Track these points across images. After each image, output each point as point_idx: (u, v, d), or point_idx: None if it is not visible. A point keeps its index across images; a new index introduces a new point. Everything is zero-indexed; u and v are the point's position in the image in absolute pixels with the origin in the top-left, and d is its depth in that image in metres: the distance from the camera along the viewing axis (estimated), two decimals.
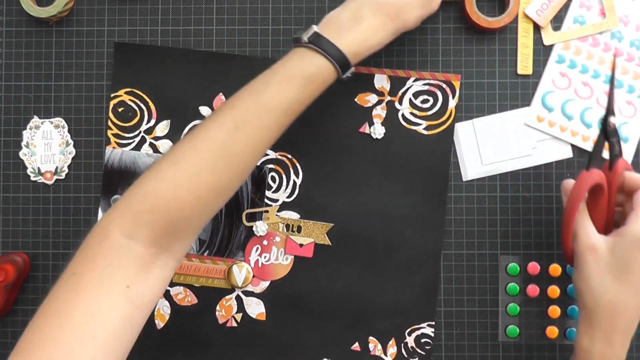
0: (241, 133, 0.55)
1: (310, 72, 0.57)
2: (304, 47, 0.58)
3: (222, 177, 0.55)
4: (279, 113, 0.57)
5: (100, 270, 0.51)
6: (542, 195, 0.69)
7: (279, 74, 0.57)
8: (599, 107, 0.69)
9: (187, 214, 0.54)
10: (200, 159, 0.54)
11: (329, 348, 0.69)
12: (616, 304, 0.57)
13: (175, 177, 0.54)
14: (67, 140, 0.70)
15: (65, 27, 0.71)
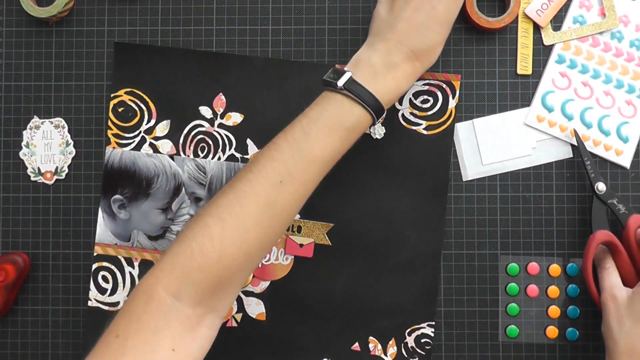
0: (286, 187, 0.54)
1: (351, 123, 0.56)
2: (339, 94, 0.56)
3: (268, 231, 0.54)
4: (322, 166, 0.56)
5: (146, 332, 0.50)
6: (542, 195, 0.69)
7: (318, 125, 0.55)
8: (599, 107, 0.69)
9: (234, 271, 0.53)
10: (247, 215, 0.53)
11: (329, 348, 0.69)
12: (634, 347, 0.59)
13: (222, 235, 0.52)
14: (67, 140, 0.70)
15: (65, 27, 0.71)
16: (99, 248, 0.69)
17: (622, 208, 0.66)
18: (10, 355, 0.69)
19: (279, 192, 0.54)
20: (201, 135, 0.70)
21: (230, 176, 0.69)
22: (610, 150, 0.69)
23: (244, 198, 0.53)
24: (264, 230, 0.54)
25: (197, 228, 0.53)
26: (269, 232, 0.54)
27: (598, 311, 0.67)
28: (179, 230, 0.69)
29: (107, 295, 0.69)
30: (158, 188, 0.69)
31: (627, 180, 0.69)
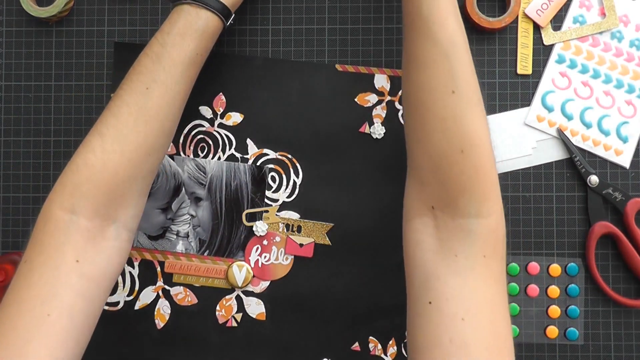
0: (153, 91, 0.57)
1: (200, 25, 0.59)
2: (186, 4, 0.60)
3: (147, 135, 0.57)
4: (184, 67, 0.59)
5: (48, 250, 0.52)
6: (542, 195, 0.69)
7: (172, 34, 0.59)
8: (599, 107, 0.69)
9: (122, 177, 0.55)
10: (123, 124, 0.56)
11: (329, 348, 0.69)
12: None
13: (103, 146, 0.55)
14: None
15: (65, 27, 0.71)
16: None
17: (619, 196, 0.67)
18: None
19: (148, 97, 0.57)
20: (201, 135, 0.70)
21: (230, 176, 0.69)
22: (610, 150, 0.69)
23: (118, 110, 0.57)
24: (142, 135, 0.57)
25: (81, 147, 0.56)
26: (148, 135, 0.57)
27: (598, 311, 0.67)
28: (179, 230, 0.69)
29: None
30: (158, 188, 0.69)
31: (627, 180, 0.69)
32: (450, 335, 0.48)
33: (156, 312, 0.69)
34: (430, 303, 0.50)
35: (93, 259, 0.54)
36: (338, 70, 0.70)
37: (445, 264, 0.51)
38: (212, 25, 0.60)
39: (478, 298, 0.49)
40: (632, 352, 0.68)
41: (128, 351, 0.69)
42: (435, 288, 0.50)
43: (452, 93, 0.52)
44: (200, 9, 0.59)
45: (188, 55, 0.59)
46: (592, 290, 0.69)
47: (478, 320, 0.49)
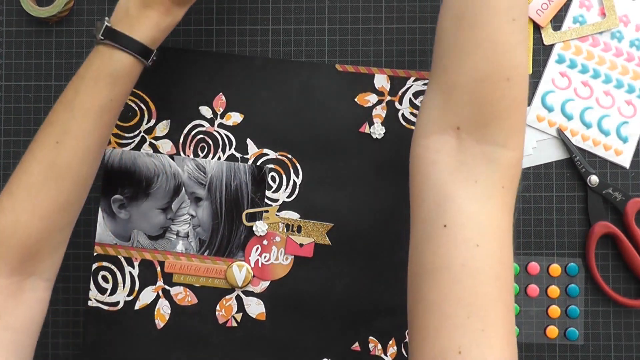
0: (64, 145, 0.56)
1: (114, 68, 0.57)
2: (101, 45, 0.58)
3: (60, 192, 0.56)
4: (96, 116, 0.57)
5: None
6: (542, 195, 0.69)
7: (86, 79, 0.57)
8: (599, 107, 0.69)
9: (35, 236, 0.56)
10: (32, 182, 0.56)
11: (329, 348, 0.69)
12: None
13: (13, 206, 0.55)
14: None
15: (65, 27, 0.71)
16: (99, 248, 0.69)
17: (619, 196, 0.67)
18: None
19: (58, 152, 0.56)
20: (201, 135, 0.70)
21: (230, 176, 0.69)
22: (609, 150, 0.69)
23: (28, 167, 0.56)
24: (54, 192, 0.56)
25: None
26: (61, 192, 0.56)
27: (598, 311, 0.67)
28: (179, 230, 0.69)
29: (107, 295, 0.69)
30: (158, 188, 0.69)
31: (627, 180, 0.69)
32: (463, 260, 0.47)
33: (156, 312, 0.69)
34: (445, 226, 0.49)
35: (15, 312, 0.55)
36: (338, 70, 0.70)
37: (464, 188, 0.50)
38: (128, 67, 0.58)
39: (493, 226, 0.48)
40: (632, 352, 0.68)
41: (128, 351, 0.69)
42: (451, 211, 0.49)
43: (513, 21, 0.50)
44: (115, 51, 0.57)
45: (101, 103, 0.57)
46: (592, 290, 0.69)
47: (491, 248, 0.48)
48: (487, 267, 0.47)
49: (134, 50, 0.58)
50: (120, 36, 0.57)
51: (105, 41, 0.57)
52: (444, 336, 0.46)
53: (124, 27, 0.58)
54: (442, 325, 0.46)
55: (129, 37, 0.57)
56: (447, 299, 0.46)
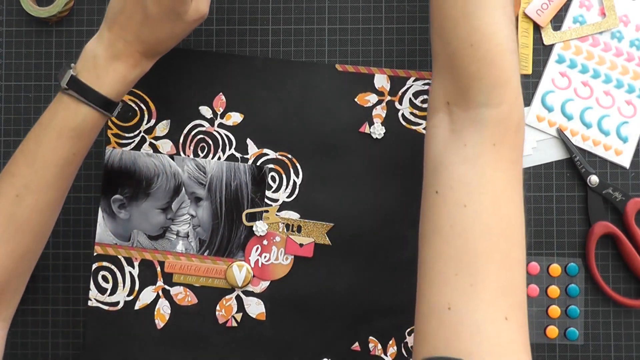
0: (24, 199, 0.56)
1: (78, 123, 0.56)
2: (65, 95, 0.57)
3: (19, 242, 0.56)
4: (58, 170, 0.57)
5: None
6: (542, 195, 0.69)
7: (48, 131, 0.56)
8: (598, 107, 0.69)
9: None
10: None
11: (329, 348, 0.69)
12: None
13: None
14: None
15: (65, 27, 0.71)
16: (99, 248, 0.69)
17: (619, 196, 0.67)
18: (10, 355, 0.69)
19: (18, 205, 0.56)
20: (201, 135, 0.70)
21: (230, 176, 0.69)
22: (609, 150, 0.69)
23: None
24: (12, 243, 0.56)
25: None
26: (19, 243, 0.56)
27: (598, 311, 0.68)
28: (179, 230, 0.69)
29: (107, 295, 0.69)
30: (158, 188, 0.69)
31: (627, 180, 0.69)
32: (452, 221, 0.48)
33: (156, 312, 0.69)
34: (437, 192, 0.50)
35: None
36: (338, 70, 0.70)
37: (454, 153, 0.51)
38: (91, 122, 0.57)
39: (482, 183, 0.49)
40: (632, 352, 0.68)
41: (128, 351, 0.69)
42: (442, 177, 0.51)
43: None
44: (80, 105, 0.56)
45: (63, 157, 0.56)
46: (592, 290, 0.69)
47: (480, 205, 0.48)
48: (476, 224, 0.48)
49: (98, 105, 0.56)
50: (85, 89, 0.56)
51: (69, 91, 0.56)
52: (435, 293, 0.47)
53: (90, 78, 0.56)
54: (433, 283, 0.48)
55: (94, 91, 0.56)
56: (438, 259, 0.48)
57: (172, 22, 0.57)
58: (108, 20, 0.57)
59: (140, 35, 0.57)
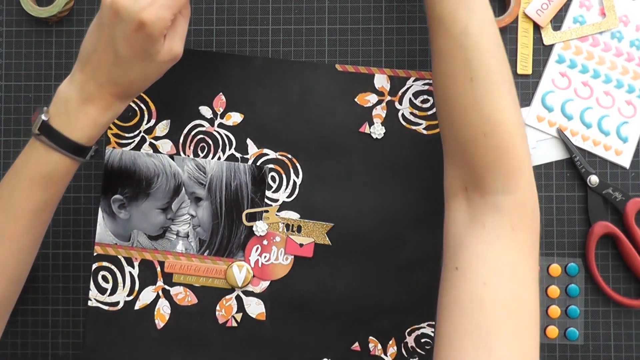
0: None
1: (49, 170, 0.56)
2: (37, 141, 0.56)
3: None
4: (32, 216, 0.57)
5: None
6: (542, 195, 0.69)
7: (20, 178, 0.56)
8: (598, 107, 0.69)
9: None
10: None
11: (329, 348, 0.69)
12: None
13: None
14: None
15: (65, 27, 0.71)
16: (99, 248, 0.69)
17: (619, 196, 0.67)
18: (10, 355, 0.69)
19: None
20: (201, 135, 0.70)
21: (230, 176, 0.69)
22: (609, 150, 0.69)
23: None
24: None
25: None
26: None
27: (598, 311, 0.68)
28: (179, 230, 0.69)
29: (107, 295, 0.69)
30: (158, 188, 0.69)
31: (627, 180, 0.69)
32: (470, 296, 0.50)
33: (156, 312, 0.69)
34: (457, 269, 0.52)
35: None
36: (338, 70, 0.70)
37: (474, 234, 0.53)
38: (63, 169, 0.57)
39: (501, 264, 0.51)
40: (632, 352, 0.68)
41: (128, 351, 0.69)
42: (462, 255, 0.53)
43: (470, 80, 0.54)
44: (51, 152, 0.55)
45: (36, 204, 0.56)
46: (592, 290, 0.69)
47: (500, 284, 0.50)
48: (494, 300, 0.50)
49: (69, 151, 0.56)
50: (57, 135, 0.55)
51: (41, 137, 0.55)
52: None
53: (61, 123, 0.56)
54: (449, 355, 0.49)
55: (65, 137, 0.55)
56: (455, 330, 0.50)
57: (144, 63, 0.56)
58: (81, 61, 0.56)
59: (112, 76, 0.56)
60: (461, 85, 0.55)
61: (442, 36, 0.56)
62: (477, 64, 0.54)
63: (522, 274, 0.52)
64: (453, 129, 0.56)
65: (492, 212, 0.53)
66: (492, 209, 0.53)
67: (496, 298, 0.50)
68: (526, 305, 0.50)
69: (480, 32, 0.55)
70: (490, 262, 0.51)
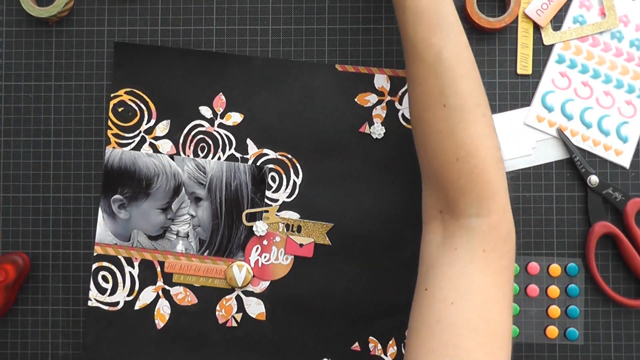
0: None
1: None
2: None
3: None
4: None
5: None
6: (542, 195, 0.69)
7: None
8: (598, 107, 0.69)
9: None
10: None
11: (329, 348, 0.69)
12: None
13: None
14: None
15: (65, 27, 0.71)
16: (99, 248, 0.69)
17: (619, 196, 0.67)
18: (10, 355, 0.69)
19: None
20: (201, 135, 0.70)
21: (230, 176, 0.69)
22: (609, 150, 0.69)
23: None
24: None
25: None
26: None
27: (598, 311, 0.68)
28: (179, 230, 0.69)
29: (107, 295, 0.69)
30: (158, 188, 0.69)
31: (627, 180, 0.69)
32: (439, 317, 0.51)
33: (156, 312, 0.69)
34: (427, 289, 0.53)
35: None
36: (338, 70, 0.70)
37: (445, 256, 0.54)
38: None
39: (472, 285, 0.51)
40: (632, 352, 0.68)
41: (128, 351, 0.69)
42: (433, 276, 0.54)
43: (444, 107, 0.55)
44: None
45: None
46: (592, 290, 0.69)
47: (468, 305, 0.51)
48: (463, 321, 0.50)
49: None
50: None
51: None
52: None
53: None
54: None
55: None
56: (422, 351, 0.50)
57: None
58: None
59: None
60: (434, 111, 0.56)
61: (416, 62, 0.57)
62: (450, 90, 0.55)
63: (493, 296, 0.52)
64: (427, 154, 0.57)
65: (465, 235, 0.54)
66: (465, 231, 0.54)
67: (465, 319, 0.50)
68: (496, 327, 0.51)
69: (454, 58, 0.56)
70: (459, 283, 0.52)
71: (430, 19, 0.56)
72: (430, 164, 0.57)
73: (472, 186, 0.54)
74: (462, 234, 0.54)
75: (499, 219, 0.54)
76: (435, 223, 0.57)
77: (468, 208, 0.54)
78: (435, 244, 0.56)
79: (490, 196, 0.54)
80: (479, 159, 0.54)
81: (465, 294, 0.51)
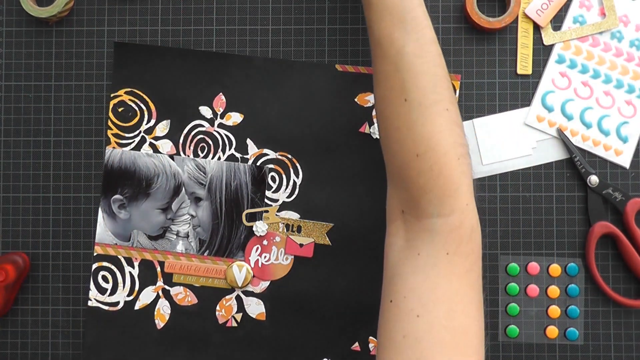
0: None
1: None
2: None
3: None
4: None
5: None
6: (542, 195, 0.69)
7: None
8: (598, 107, 0.69)
9: None
10: None
11: (329, 348, 0.69)
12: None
13: None
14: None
15: (65, 27, 0.71)
16: (99, 248, 0.69)
17: (619, 196, 0.67)
18: (10, 355, 0.69)
19: None
20: (201, 135, 0.70)
21: (230, 176, 0.69)
22: (609, 150, 0.69)
23: None
24: None
25: None
26: None
27: (598, 311, 0.68)
28: (179, 230, 0.69)
29: (107, 295, 0.69)
30: (158, 188, 0.69)
31: (627, 180, 0.69)
32: (404, 331, 0.49)
33: (156, 312, 0.69)
34: (391, 301, 0.52)
35: None
36: (338, 70, 0.70)
37: (409, 263, 0.53)
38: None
39: (436, 294, 0.50)
40: (632, 352, 0.68)
41: (128, 351, 0.69)
42: (396, 286, 0.52)
43: (404, 102, 0.55)
44: None
45: None
46: (592, 290, 0.69)
47: (433, 316, 0.49)
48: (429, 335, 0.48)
49: None
50: None
51: None
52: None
53: None
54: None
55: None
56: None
57: None
58: None
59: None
60: (396, 106, 0.55)
61: (380, 57, 0.57)
62: (411, 85, 0.54)
63: (460, 302, 0.50)
64: (390, 150, 0.56)
65: (427, 237, 0.52)
66: (427, 233, 0.52)
67: (430, 332, 0.48)
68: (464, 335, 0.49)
69: (417, 53, 0.55)
70: (423, 294, 0.50)
71: (394, 14, 0.56)
72: (393, 161, 0.56)
73: (432, 184, 0.53)
74: (424, 237, 0.53)
75: (460, 218, 0.52)
76: (397, 224, 0.56)
77: (429, 207, 0.53)
78: (397, 247, 0.55)
79: (451, 194, 0.53)
80: (440, 155, 0.53)
81: (431, 304, 0.50)
